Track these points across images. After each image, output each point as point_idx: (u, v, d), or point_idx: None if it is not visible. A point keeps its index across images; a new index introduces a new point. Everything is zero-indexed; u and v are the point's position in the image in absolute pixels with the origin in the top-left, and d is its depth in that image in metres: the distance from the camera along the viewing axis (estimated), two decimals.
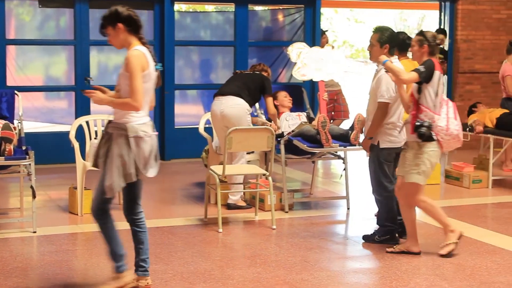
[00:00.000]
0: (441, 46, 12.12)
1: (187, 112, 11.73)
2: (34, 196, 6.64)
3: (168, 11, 10.88)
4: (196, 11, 14.94)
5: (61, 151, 10.06)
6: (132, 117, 4.97)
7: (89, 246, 6.45)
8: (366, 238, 6.61)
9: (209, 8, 15.14)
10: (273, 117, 7.97)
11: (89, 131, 7.82)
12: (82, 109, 10.43)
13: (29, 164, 6.65)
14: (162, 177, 10.03)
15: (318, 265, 5.91)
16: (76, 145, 7.51)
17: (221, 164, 7.13)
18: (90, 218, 7.33)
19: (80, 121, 7.89)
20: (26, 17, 11.00)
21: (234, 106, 7.62)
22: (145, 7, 11.02)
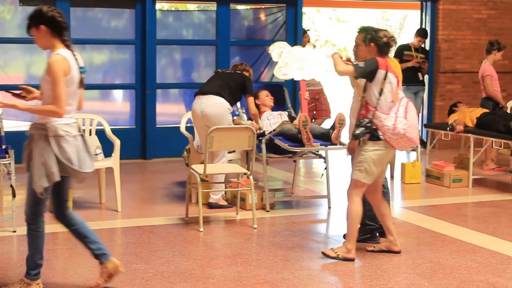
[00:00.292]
0: (420, 46, 12.19)
1: (168, 111, 11.72)
2: (14, 196, 6.60)
3: (149, 10, 10.85)
4: (178, 10, 14.90)
5: None
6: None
7: (70, 246, 6.42)
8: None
9: (191, 7, 15.11)
10: (255, 117, 7.98)
11: None
12: None
13: (9, 163, 6.61)
14: (143, 176, 10.04)
15: (299, 264, 5.92)
16: None
17: (203, 163, 7.12)
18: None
19: None
20: (7, 16, 10.94)
21: (215, 106, 7.62)
22: (126, 6, 10.99)
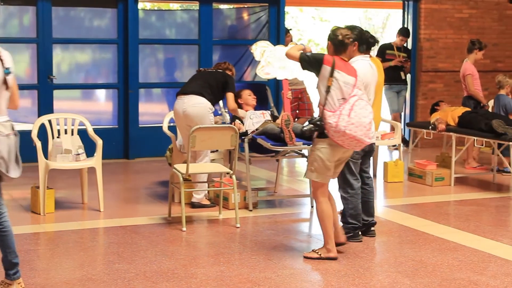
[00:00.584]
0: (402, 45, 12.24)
1: (151, 110, 11.69)
2: None
3: (132, 9, 10.82)
4: (160, 9, 14.88)
5: (23, 150, 9.88)
6: None
7: (52, 246, 6.40)
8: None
9: (173, 6, 15.09)
10: (234, 112, 7.95)
11: (52, 130, 7.77)
12: (45, 107, 10.36)
13: None
14: (126, 176, 10.02)
15: (281, 263, 5.92)
16: (38, 144, 7.44)
17: (185, 162, 7.11)
18: (52, 217, 7.34)
19: (42, 120, 7.83)
20: None
21: (196, 105, 7.61)
22: (108, 5, 10.96)
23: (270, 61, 8.07)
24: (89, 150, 7.85)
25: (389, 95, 12.17)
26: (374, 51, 6.35)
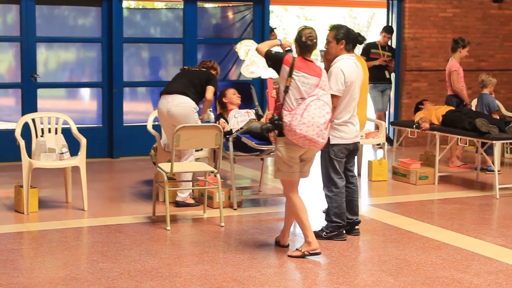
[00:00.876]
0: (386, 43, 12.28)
1: (136, 109, 11.66)
2: None
3: (116, 8, 10.79)
4: (145, 8, 14.84)
5: (6, 149, 9.93)
6: None
7: (35, 245, 6.37)
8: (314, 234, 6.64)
9: (158, 5, 15.04)
10: (208, 103, 7.82)
11: (35, 129, 7.73)
12: (29, 106, 10.32)
13: None
14: (111, 175, 9.98)
15: (266, 261, 5.93)
16: (22, 143, 7.41)
17: (170, 161, 7.10)
18: (36, 216, 7.31)
19: (26, 118, 7.79)
20: None
21: (180, 105, 7.59)
22: (93, 4, 10.92)
23: (254, 60, 8.07)
24: (73, 149, 7.82)
25: (374, 94, 12.20)
26: (358, 49, 6.36)
